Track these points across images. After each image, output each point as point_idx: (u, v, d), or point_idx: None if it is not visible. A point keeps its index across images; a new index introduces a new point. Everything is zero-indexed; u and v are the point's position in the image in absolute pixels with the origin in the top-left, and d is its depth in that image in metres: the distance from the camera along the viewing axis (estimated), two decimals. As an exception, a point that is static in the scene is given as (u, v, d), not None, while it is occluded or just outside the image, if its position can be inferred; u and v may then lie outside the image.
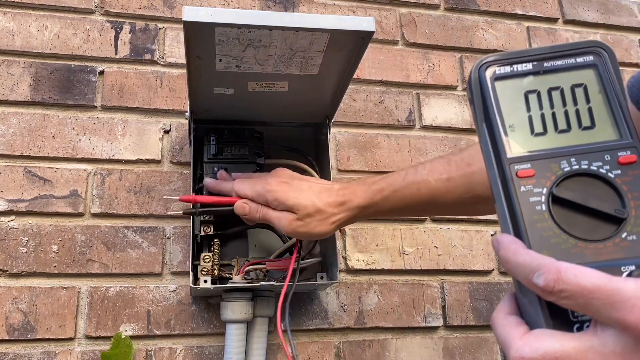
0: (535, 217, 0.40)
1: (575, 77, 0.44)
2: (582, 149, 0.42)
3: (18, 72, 1.05)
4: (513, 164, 0.41)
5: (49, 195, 1.00)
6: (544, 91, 0.44)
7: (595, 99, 0.43)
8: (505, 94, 0.44)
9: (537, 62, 0.44)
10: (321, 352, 1.02)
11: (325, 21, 0.72)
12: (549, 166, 0.41)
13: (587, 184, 0.40)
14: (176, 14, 1.15)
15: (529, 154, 0.42)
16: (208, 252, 0.93)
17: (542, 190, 0.40)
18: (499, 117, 0.43)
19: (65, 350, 0.93)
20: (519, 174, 0.41)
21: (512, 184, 0.41)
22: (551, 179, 0.41)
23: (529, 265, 0.37)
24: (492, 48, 1.31)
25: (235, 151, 0.93)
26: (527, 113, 0.44)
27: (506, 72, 0.44)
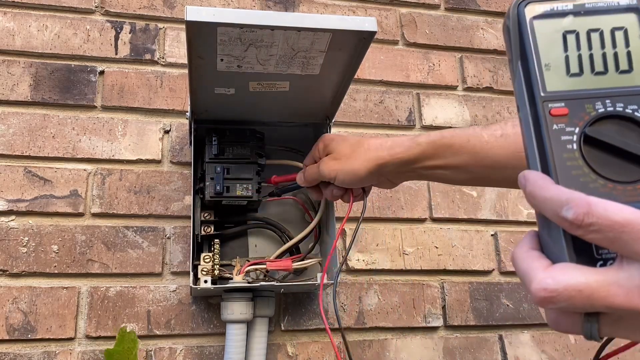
0: (565, 155, 0.39)
1: (616, 20, 0.43)
2: (618, 91, 0.41)
3: (18, 72, 1.05)
4: (547, 102, 0.41)
5: (49, 195, 0.99)
6: (583, 32, 0.43)
7: (635, 43, 0.42)
8: (544, 33, 0.43)
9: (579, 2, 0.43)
10: (321, 352, 1.02)
11: (327, 21, 0.72)
12: (583, 106, 0.41)
13: (620, 126, 0.40)
14: (176, 14, 1.15)
15: (563, 93, 0.41)
16: (208, 252, 0.93)
17: (575, 129, 0.40)
18: (536, 56, 0.42)
19: (65, 350, 0.93)
20: (552, 112, 0.41)
21: (544, 121, 0.41)
22: (584, 119, 0.40)
23: (558, 199, 0.36)
24: (492, 48, 1.31)
25: (237, 151, 0.93)
26: (565, 53, 0.43)
27: (546, 11, 0.43)
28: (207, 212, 0.95)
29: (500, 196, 1.19)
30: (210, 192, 0.90)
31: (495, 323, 1.10)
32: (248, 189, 0.91)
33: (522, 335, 1.11)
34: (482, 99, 1.27)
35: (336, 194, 0.85)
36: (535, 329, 1.12)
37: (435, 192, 1.17)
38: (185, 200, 1.04)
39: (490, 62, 1.30)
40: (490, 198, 1.19)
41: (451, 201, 1.17)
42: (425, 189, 1.16)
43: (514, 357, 1.09)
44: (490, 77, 1.28)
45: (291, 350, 1.01)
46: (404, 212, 1.14)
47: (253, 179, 0.92)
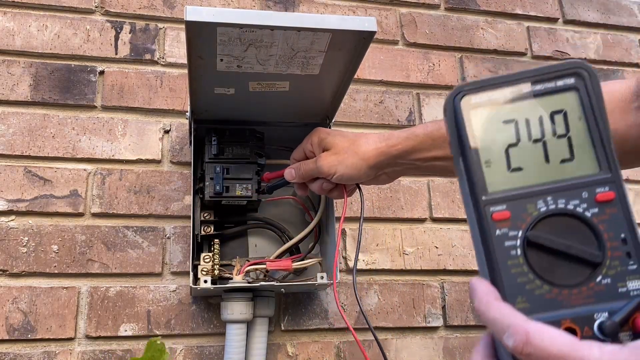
0: (509, 262, 0.39)
1: (555, 103, 0.42)
2: (560, 186, 0.40)
3: (18, 72, 1.05)
4: (488, 206, 0.40)
5: (49, 195, 0.99)
6: (521, 120, 0.42)
7: (575, 127, 0.41)
8: (482, 125, 0.42)
9: (516, 87, 0.42)
10: (321, 352, 1.02)
11: (327, 21, 0.72)
12: (525, 207, 0.40)
13: (563, 224, 0.39)
14: (176, 13, 1.15)
15: (504, 193, 0.40)
16: (208, 252, 0.93)
17: (517, 233, 0.39)
18: (475, 152, 0.41)
19: (65, 350, 0.93)
20: (494, 217, 0.40)
21: (487, 227, 0.40)
22: (526, 221, 0.39)
23: (500, 323, 0.37)
24: (492, 48, 1.31)
25: (236, 151, 0.93)
26: (504, 146, 0.42)
27: (482, 101, 0.42)
28: (207, 212, 0.95)
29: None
30: (210, 192, 0.90)
31: (495, 323, 1.10)
32: (248, 189, 0.91)
33: (522, 335, 1.11)
34: (482, 99, 1.26)
35: (326, 188, 0.84)
36: (535, 329, 1.12)
37: (435, 192, 1.16)
38: (185, 200, 1.04)
39: (490, 62, 1.30)
40: (490, 198, 1.19)
41: (451, 201, 1.17)
42: (425, 189, 1.16)
43: (514, 357, 1.09)
44: (490, 77, 1.28)
45: (291, 350, 1.01)
46: (404, 212, 1.14)
47: (253, 178, 0.92)
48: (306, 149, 0.86)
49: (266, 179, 0.94)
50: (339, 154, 0.79)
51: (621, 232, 0.39)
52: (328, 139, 0.82)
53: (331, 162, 0.79)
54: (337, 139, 0.81)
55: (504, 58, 1.31)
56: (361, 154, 0.78)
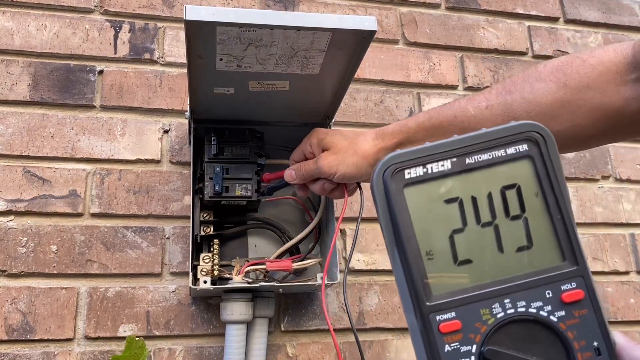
0: None
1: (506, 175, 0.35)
2: (518, 283, 0.34)
3: (17, 72, 1.05)
4: (434, 314, 0.33)
5: (48, 195, 0.99)
6: (467, 198, 0.35)
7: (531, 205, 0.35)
8: (419, 206, 0.35)
9: (457, 158, 0.35)
10: (322, 352, 1.01)
11: (327, 20, 0.71)
12: (478, 313, 0.33)
13: (525, 333, 0.33)
14: (175, 13, 1.15)
15: (453, 296, 0.33)
16: (208, 253, 0.92)
17: (471, 348, 0.33)
18: (413, 242, 0.34)
19: (64, 350, 0.93)
20: (441, 329, 0.33)
21: (434, 341, 0.33)
22: (481, 332, 0.33)
23: None
24: (492, 47, 1.30)
25: (236, 151, 0.92)
26: (448, 232, 0.35)
27: (418, 176, 0.35)
28: (207, 212, 0.94)
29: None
30: (209, 192, 0.89)
31: (496, 323, 1.10)
32: (247, 189, 0.91)
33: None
34: (482, 99, 1.26)
35: (327, 188, 0.83)
36: (536, 330, 1.12)
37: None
38: (185, 200, 1.04)
39: (491, 61, 1.30)
40: (490, 198, 1.18)
41: (452, 201, 1.16)
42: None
43: (515, 357, 1.09)
44: (491, 76, 1.28)
45: (291, 351, 1.00)
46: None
47: (252, 178, 0.91)
48: (305, 150, 0.85)
49: (266, 179, 0.93)
50: (339, 154, 0.79)
51: (594, 340, 0.33)
52: (327, 139, 0.81)
53: (332, 162, 0.79)
54: (336, 139, 0.80)
55: (505, 57, 1.31)
56: (361, 153, 0.78)
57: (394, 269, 0.35)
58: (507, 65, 1.30)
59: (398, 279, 0.35)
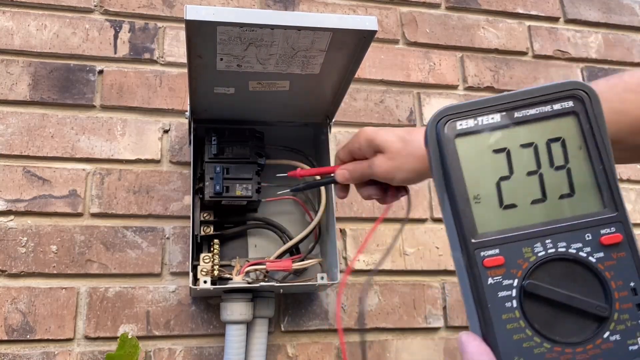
0: (504, 316, 0.34)
1: (551, 129, 0.37)
2: (560, 226, 0.36)
3: (17, 72, 1.05)
4: (479, 250, 0.35)
5: (48, 195, 0.99)
6: (514, 149, 0.37)
7: (575, 158, 0.37)
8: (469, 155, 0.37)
9: (506, 112, 0.37)
10: (322, 352, 1.01)
11: (327, 20, 0.71)
12: (521, 251, 0.35)
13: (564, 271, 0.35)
14: (176, 13, 1.15)
15: (497, 235, 0.36)
16: (208, 253, 0.92)
17: (513, 282, 0.35)
18: (462, 186, 0.36)
19: (64, 350, 0.93)
20: (485, 263, 0.35)
21: (478, 274, 0.35)
22: (522, 268, 0.35)
23: None
24: (493, 47, 1.30)
25: (236, 151, 0.92)
26: (495, 179, 0.37)
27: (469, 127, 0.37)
28: (207, 212, 0.94)
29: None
30: (210, 192, 0.89)
31: (496, 324, 1.10)
32: (248, 188, 0.91)
33: (523, 336, 1.10)
34: (483, 99, 1.26)
35: (374, 195, 0.80)
36: (536, 330, 1.12)
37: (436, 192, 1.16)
38: (185, 200, 1.03)
39: (491, 61, 1.30)
40: (491, 198, 1.18)
41: (452, 201, 1.16)
42: (426, 189, 1.16)
43: (515, 357, 1.09)
44: (491, 76, 1.28)
45: (291, 351, 1.00)
46: (405, 212, 1.13)
47: (253, 178, 0.91)
48: (353, 149, 0.79)
49: (300, 175, 0.86)
50: (394, 159, 0.73)
51: (631, 281, 0.35)
52: (378, 140, 0.75)
53: (388, 169, 0.74)
54: (388, 140, 0.74)
55: (505, 57, 1.31)
56: (418, 156, 0.73)
57: (443, 212, 0.37)
58: (508, 65, 1.30)
59: (446, 221, 0.37)
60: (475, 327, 0.35)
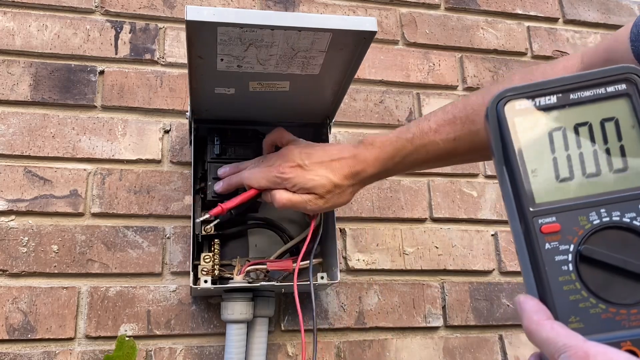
0: (561, 278, 0.36)
1: (605, 110, 0.39)
2: (614, 197, 0.38)
3: (18, 72, 1.05)
4: (537, 217, 0.38)
5: (49, 195, 0.99)
6: (570, 128, 0.40)
7: (628, 135, 0.39)
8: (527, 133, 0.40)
9: (562, 93, 0.40)
10: (321, 352, 1.02)
11: (327, 21, 0.71)
12: (577, 219, 0.37)
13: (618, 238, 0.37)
14: (176, 13, 1.15)
15: (554, 204, 0.38)
16: (208, 252, 0.93)
17: (569, 247, 0.37)
18: (520, 161, 0.39)
19: (65, 350, 0.93)
20: (543, 230, 0.37)
21: (535, 240, 0.37)
22: (578, 234, 0.37)
23: (554, 343, 0.34)
24: (492, 48, 1.31)
25: (238, 151, 0.93)
26: (552, 155, 0.39)
27: (528, 107, 0.40)
28: (208, 212, 0.95)
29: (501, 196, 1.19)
30: (212, 192, 0.90)
31: (496, 323, 1.10)
32: (248, 189, 0.91)
33: (523, 336, 1.11)
34: (482, 99, 1.26)
35: None
36: (536, 329, 1.12)
37: (435, 192, 1.16)
38: (185, 200, 1.04)
39: (491, 61, 1.30)
40: (490, 198, 1.19)
41: (451, 201, 1.17)
42: (426, 188, 1.16)
43: (514, 357, 1.09)
44: (490, 77, 1.28)
45: (291, 350, 1.01)
46: (404, 212, 1.14)
47: (253, 179, 0.92)
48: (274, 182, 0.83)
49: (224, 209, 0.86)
50: (327, 201, 0.81)
51: None
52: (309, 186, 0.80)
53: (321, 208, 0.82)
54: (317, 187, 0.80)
55: (504, 58, 1.31)
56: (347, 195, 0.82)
57: (502, 185, 0.40)
58: (507, 66, 1.30)
59: (505, 193, 0.40)
60: (533, 291, 0.38)
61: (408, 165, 0.81)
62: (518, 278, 1.15)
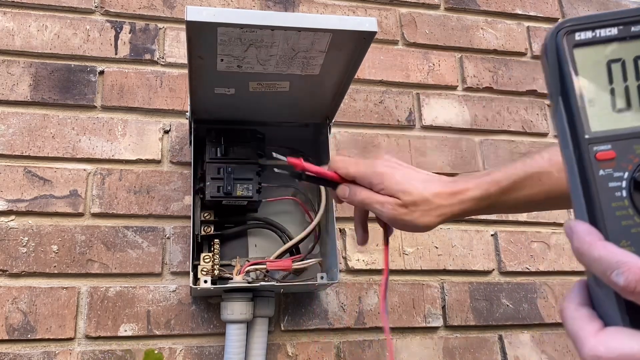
0: (614, 204, 0.36)
1: None
2: None
3: (18, 72, 1.05)
4: (592, 145, 0.38)
5: (48, 195, 0.99)
6: (629, 60, 0.39)
7: None
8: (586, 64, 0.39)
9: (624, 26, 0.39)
10: (321, 352, 1.02)
11: (327, 21, 0.72)
12: (632, 147, 0.37)
13: None
14: (176, 14, 1.15)
15: (609, 133, 0.38)
16: (208, 252, 0.93)
17: (623, 174, 0.37)
18: (578, 91, 0.38)
19: (65, 350, 0.93)
20: (598, 156, 0.37)
21: (589, 166, 0.37)
22: (634, 162, 0.37)
23: (607, 261, 0.34)
24: (492, 48, 1.31)
25: (238, 151, 0.93)
26: (610, 86, 0.39)
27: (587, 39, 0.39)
28: (207, 212, 0.95)
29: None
30: (212, 192, 0.90)
31: (495, 323, 1.10)
32: (249, 189, 0.91)
33: (522, 336, 1.11)
34: (482, 99, 1.27)
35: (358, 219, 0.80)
36: (535, 329, 1.12)
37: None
38: (185, 200, 1.04)
39: (490, 62, 1.30)
40: (490, 198, 1.19)
41: (451, 201, 1.16)
42: (425, 189, 1.16)
43: (514, 357, 1.09)
44: (490, 77, 1.28)
45: (291, 350, 1.01)
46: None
47: (254, 179, 0.92)
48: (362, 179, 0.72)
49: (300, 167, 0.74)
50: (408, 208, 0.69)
51: None
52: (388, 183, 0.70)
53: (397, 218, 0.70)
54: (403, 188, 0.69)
55: (504, 58, 1.31)
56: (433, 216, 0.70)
57: (557, 115, 0.40)
58: (507, 66, 1.30)
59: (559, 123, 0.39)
60: (583, 216, 0.37)
61: (519, 197, 0.70)
62: (518, 278, 1.15)
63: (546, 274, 1.17)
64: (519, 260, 1.16)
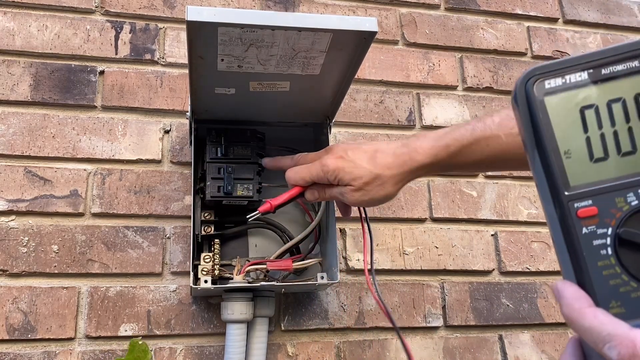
0: (600, 263, 0.35)
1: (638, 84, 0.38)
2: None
3: (18, 72, 1.05)
4: (572, 202, 0.37)
5: (49, 195, 0.99)
6: (602, 105, 0.38)
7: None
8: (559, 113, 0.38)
9: (593, 69, 0.38)
10: (321, 352, 1.02)
11: (327, 21, 0.72)
12: (614, 201, 0.36)
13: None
14: (176, 13, 1.15)
15: (589, 187, 0.37)
16: (208, 252, 0.93)
17: (607, 230, 0.36)
18: (552, 142, 0.37)
19: (65, 350, 0.93)
20: (579, 214, 0.36)
21: (572, 225, 0.36)
22: (616, 217, 0.36)
23: (598, 332, 0.33)
24: (492, 48, 1.31)
25: (238, 151, 0.93)
26: (585, 134, 0.38)
27: (558, 86, 0.38)
28: (207, 212, 0.95)
29: (500, 196, 1.19)
30: (212, 191, 0.90)
31: (495, 323, 1.10)
32: (249, 189, 0.91)
33: (522, 335, 1.11)
34: (482, 99, 1.27)
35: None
36: (535, 329, 1.12)
37: (435, 192, 1.17)
38: (185, 200, 1.04)
39: (490, 62, 1.30)
40: (490, 198, 1.19)
41: (451, 201, 1.17)
42: (425, 188, 1.16)
43: (514, 357, 1.09)
44: (490, 77, 1.28)
45: (291, 350, 1.01)
46: (404, 212, 1.14)
47: (254, 179, 0.92)
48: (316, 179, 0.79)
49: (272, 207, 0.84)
50: (366, 193, 0.75)
51: None
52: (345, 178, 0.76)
53: (359, 200, 0.76)
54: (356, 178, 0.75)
55: (504, 58, 1.31)
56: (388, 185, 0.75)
57: (534, 169, 0.39)
58: (507, 66, 1.30)
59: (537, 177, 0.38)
60: (570, 276, 0.36)
61: (467, 160, 0.73)
62: (518, 278, 1.15)
63: (546, 274, 1.17)
64: (519, 260, 1.16)
